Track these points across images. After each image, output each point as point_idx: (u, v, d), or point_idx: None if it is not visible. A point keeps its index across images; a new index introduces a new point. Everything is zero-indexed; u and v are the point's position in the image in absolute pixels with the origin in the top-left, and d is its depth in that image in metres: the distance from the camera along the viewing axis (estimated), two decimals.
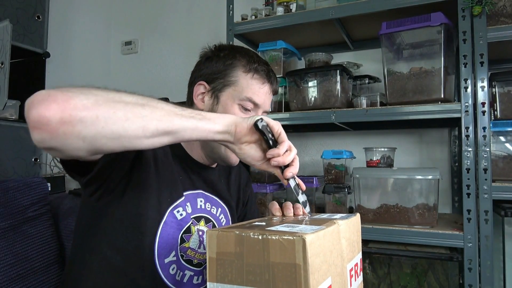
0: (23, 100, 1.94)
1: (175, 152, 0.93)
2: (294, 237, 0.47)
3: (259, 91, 0.91)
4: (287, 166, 0.72)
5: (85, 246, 0.86)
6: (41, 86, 1.99)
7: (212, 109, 0.91)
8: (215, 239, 0.53)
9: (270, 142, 0.71)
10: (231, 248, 0.52)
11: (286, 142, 0.71)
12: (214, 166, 1.01)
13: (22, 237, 1.04)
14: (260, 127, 0.70)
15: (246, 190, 1.15)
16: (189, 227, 0.89)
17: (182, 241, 0.88)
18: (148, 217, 0.83)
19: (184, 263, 0.88)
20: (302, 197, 0.75)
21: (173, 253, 0.86)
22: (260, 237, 0.50)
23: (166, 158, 0.89)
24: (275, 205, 0.79)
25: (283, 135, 0.71)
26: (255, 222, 0.62)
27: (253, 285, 0.50)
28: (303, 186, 0.76)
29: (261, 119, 0.70)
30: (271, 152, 0.70)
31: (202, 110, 0.93)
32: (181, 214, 0.88)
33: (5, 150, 1.73)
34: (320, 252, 0.50)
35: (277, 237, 0.49)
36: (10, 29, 1.61)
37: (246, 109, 0.91)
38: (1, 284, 0.92)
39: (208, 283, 0.53)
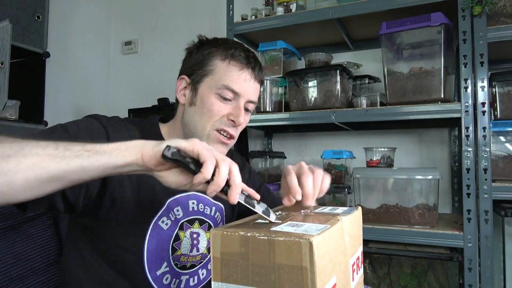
0: (23, 100, 1.93)
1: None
2: (301, 240, 0.47)
3: (238, 78, 0.85)
4: (227, 184, 0.58)
5: (74, 260, 0.85)
6: (41, 86, 1.99)
7: (191, 102, 0.87)
8: (219, 239, 0.53)
9: (192, 167, 0.57)
10: (236, 248, 0.52)
11: (208, 161, 0.56)
12: None
13: (22, 237, 1.04)
14: (170, 157, 0.56)
15: (250, 182, 1.08)
16: (177, 235, 0.86)
17: (174, 250, 0.85)
18: (130, 234, 0.79)
19: (178, 270, 0.86)
20: (260, 207, 0.61)
21: (165, 264, 0.84)
22: (265, 238, 0.50)
23: None
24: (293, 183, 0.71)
25: (203, 152, 0.57)
26: (257, 220, 0.61)
27: (259, 286, 0.49)
28: (256, 195, 0.62)
29: (168, 146, 0.57)
30: (196, 180, 0.56)
31: (184, 105, 0.89)
32: (166, 224, 0.84)
33: None
34: (326, 252, 0.50)
35: (283, 239, 0.48)
36: (10, 29, 1.61)
37: (225, 99, 0.85)
38: (1, 284, 0.92)
39: (213, 282, 0.53)
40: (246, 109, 0.89)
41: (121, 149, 0.57)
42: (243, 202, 0.61)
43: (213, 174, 0.57)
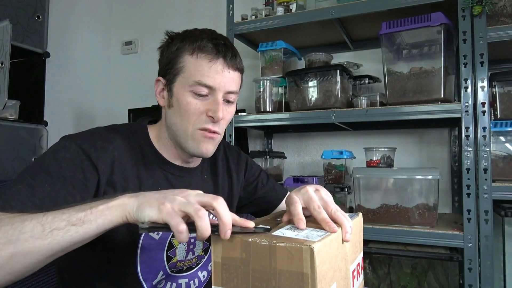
0: (23, 100, 1.93)
1: (152, 159, 0.85)
2: (302, 246, 0.47)
3: (209, 71, 0.78)
4: (215, 227, 0.54)
5: (69, 273, 0.84)
6: (41, 86, 1.99)
7: (169, 104, 0.84)
8: (220, 243, 0.53)
9: (172, 229, 0.55)
10: (237, 253, 0.51)
11: (176, 233, 0.52)
12: (197, 165, 0.93)
13: None
14: (147, 227, 0.54)
15: (249, 172, 1.06)
16: (170, 243, 0.84)
17: (169, 258, 0.83)
18: (120, 247, 0.77)
19: (175, 274, 0.86)
20: (259, 229, 0.57)
21: (161, 273, 0.82)
22: (267, 244, 0.49)
23: (129, 180, 0.80)
24: (297, 209, 0.62)
25: (169, 221, 0.52)
26: (259, 225, 0.61)
27: None
28: (250, 224, 0.56)
29: (142, 222, 0.54)
30: (180, 241, 0.54)
31: (164, 107, 0.86)
32: (157, 234, 0.82)
33: (5, 150, 1.73)
34: (326, 259, 0.50)
35: (284, 244, 0.48)
36: (10, 29, 1.61)
37: (200, 95, 0.79)
38: None
39: (213, 287, 0.53)
40: (228, 101, 0.84)
41: (104, 213, 0.57)
42: (239, 231, 0.56)
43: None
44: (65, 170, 0.71)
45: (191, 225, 0.53)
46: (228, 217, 0.53)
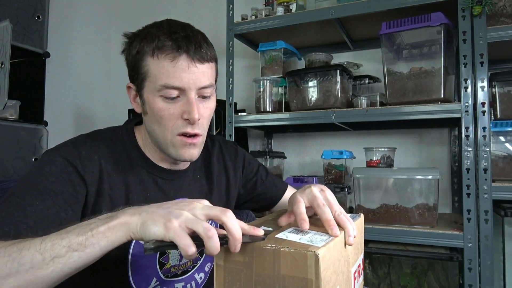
0: (23, 100, 1.92)
1: (140, 164, 0.82)
2: (307, 252, 0.47)
3: (174, 71, 0.72)
4: (224, 238, 0.52)
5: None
6: (41, 86, 1.99)
7: (144, 111, 0.79)
8: (223, 247, 0.52)
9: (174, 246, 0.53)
10: (240, 257, 0.51)
11: (184, 253, 0.50)
12: (187, 166, 0.90)
13: None
14: (153, 247, 0.52)
15: (247, 169, 1.03)
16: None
17: (162, 264, 0.81)
18: (111, 257, 0.72)
19: (171, 279, 0.84)
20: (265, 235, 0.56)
21: (154, 279, 0.81)
22: (271, 248, 0.49)
23: (116, 188, 0.77)
24: (301, 212, 0.61)
25: (176, 239, 0.50)
26: (261, 226, 0.60)
27: None
28: (259, 233, 0.53)
29: (148, 242, 0.52)
30: (187, 259, 0.53)
31: (140, 113, 0.82)
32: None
33: (5, 150, 1.73)
34: (330, 264, 0.50)
35: (288, 249, 0.48)
36: (10, 29, 1.61)
37: (171, 98, 0.74)
38: None
39: None
40: (204, 97, 0.78)
41: (106, 235, 0.54)
42: (248, 241, 0.54)
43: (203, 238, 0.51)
44: (54, 184, 0.69)
45: (198, 240, 0.50)
46: (238, 232, 0.51)
